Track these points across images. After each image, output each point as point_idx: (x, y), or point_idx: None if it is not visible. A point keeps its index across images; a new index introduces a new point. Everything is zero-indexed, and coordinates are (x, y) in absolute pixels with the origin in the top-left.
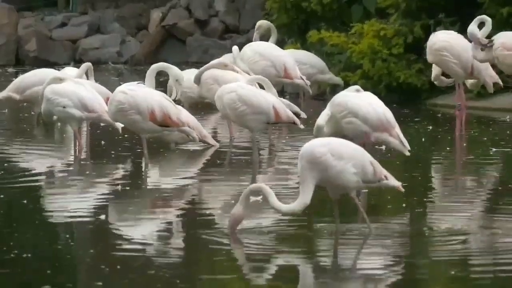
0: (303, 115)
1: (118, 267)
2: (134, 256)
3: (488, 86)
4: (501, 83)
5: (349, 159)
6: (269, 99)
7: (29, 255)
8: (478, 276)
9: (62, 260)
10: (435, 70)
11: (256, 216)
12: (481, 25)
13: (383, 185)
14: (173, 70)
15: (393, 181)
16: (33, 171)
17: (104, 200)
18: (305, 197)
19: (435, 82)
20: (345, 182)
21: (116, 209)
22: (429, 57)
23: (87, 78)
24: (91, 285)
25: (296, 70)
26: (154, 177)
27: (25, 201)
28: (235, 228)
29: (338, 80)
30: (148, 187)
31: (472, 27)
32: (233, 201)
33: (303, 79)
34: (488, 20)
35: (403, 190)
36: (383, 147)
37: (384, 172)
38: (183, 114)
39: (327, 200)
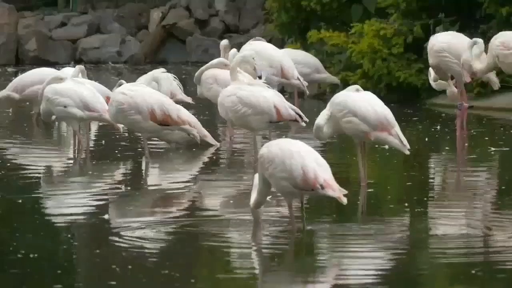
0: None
1: (130, 267)
2: (143, 256)
3: (493, 82)
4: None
5: (279, 163)
6: (270, 98)
7: (36, 255)
8: (480, 275)
9: (71, 260)
10: (433, 72)
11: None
12: (482, 35)
13: (320, 195)
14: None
15: (331, 192)
16: (33, 171)
17: (106, 200)
18: (257, 197)
19: (433, 86)
20: (278, 187)
21: (119, 209)
22: (431, 60)
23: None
24: (104, 285)
25: (293, 70)
26: (155, 177)
27: (26, 202)
28: (259, 217)
29: (334, 79)
30: (149, 187)
31: (467, 56)
32: (231, 201)
33: (300, 80)
34: (480, 41)
35: (344, 202)
36: (387, 146)
37: (321, 181)
38: (183, 113)
39: (331, 201)
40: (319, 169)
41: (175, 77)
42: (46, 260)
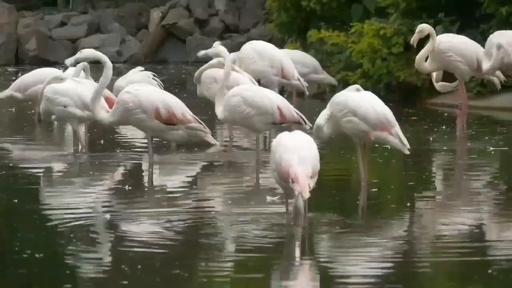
0: None
1: (139, 267)
2: (151, 256)
3: (495, 82)
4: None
5: (272, 156)
6: (274, 99)
7: (41, 255)
8: (480, 275)
9: (77, 261)
10: (435, 74)
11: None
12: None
13: (293, 189)
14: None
15: (297, 187)
16: (34, 171)
17: (108, 200)
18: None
19: (437, 87)
20: (273, 178)
21: (121, 208)
22: (435, 61)
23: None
24: (117, 285)
25: (293, 71)
26: (157, 176)
27: (27, 201)
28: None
29: (332, 80)
30: (151, 186)
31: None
32: (235, 200)
33: (300, 80)
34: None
35: (305, 196)
36: (389, 146)
37: (292, 175)
38: (188, 111)
39: (332, 200)
40: (295, 164)
41: (154, 75)
42: (53, 260)
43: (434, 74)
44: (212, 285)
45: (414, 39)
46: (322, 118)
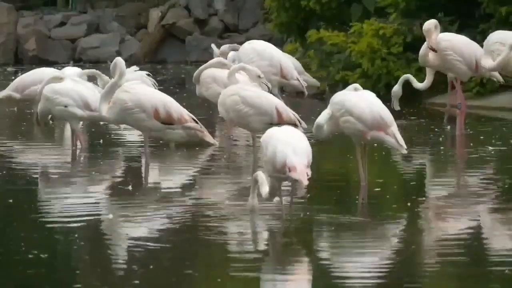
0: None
1: (151, 267)
2: (160, 256)
3: (497, 77)
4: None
5: (264, 149)
6: (272, 100)
7: (46, 255)
8: (479, 275)
9: (84, 261)
10: (430, 76)
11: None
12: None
13: (290, 179)
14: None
15: (294, 174)
16: (33, 171)
17: (109, 200)
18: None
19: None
20: (266, 172)
21: (123, 208)
22: (433, 59)
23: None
24: (128, 285)
25: (292, 70)
26: (155, 175)
27: (27, 202)
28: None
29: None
30: (149, 186)
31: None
32: (227, 201)
33: (299, 80)
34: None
35: (304, 184)
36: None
37: (290, 164)
38: (185, 111)
39: (332, 199)
40: (291, 155)
41: (148, 75)
42: (59, 260)
43: (428, 78)
44: (212, 284)
45: (432, 40)
46: (323, 117)
